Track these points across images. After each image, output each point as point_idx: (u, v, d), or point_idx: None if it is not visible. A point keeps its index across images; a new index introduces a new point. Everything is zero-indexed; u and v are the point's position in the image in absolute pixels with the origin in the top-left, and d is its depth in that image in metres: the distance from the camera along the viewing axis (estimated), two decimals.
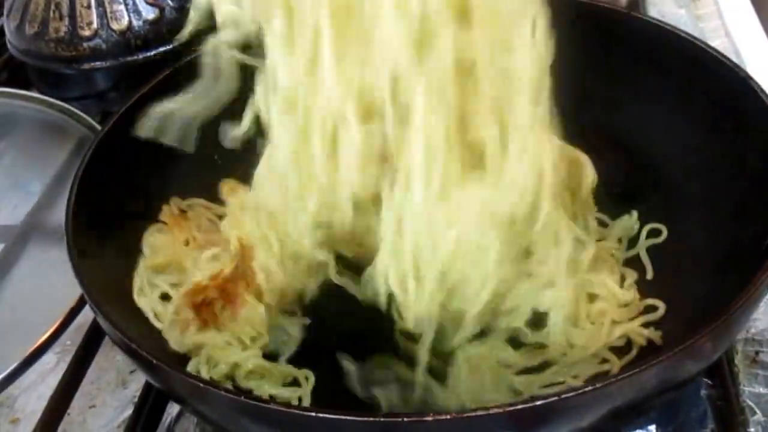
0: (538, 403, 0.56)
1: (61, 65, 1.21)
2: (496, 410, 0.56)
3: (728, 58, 0.87)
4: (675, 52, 0.91)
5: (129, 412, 0.85)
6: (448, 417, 0.57)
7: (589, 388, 0.57)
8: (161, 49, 1.19)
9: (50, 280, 0.93)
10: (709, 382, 0.83)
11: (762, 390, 0.82)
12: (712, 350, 0.66)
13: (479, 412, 0.57)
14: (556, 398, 0.57)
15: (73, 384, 0.83)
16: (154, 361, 0.66)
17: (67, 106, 1.15)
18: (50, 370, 0.91)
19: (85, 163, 0.85)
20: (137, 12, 1.18)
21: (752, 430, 0.78)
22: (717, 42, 1.26)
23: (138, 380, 0.90)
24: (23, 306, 0.93)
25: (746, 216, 0.80)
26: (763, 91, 0.81)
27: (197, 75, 0.99)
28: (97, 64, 1.20)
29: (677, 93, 0.92)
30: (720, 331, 0.64)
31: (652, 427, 0.80)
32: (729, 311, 0.63)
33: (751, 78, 0.83)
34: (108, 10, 1.17)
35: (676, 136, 0.93)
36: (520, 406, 0.56)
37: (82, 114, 1.13)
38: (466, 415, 0.57)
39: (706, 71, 0.88)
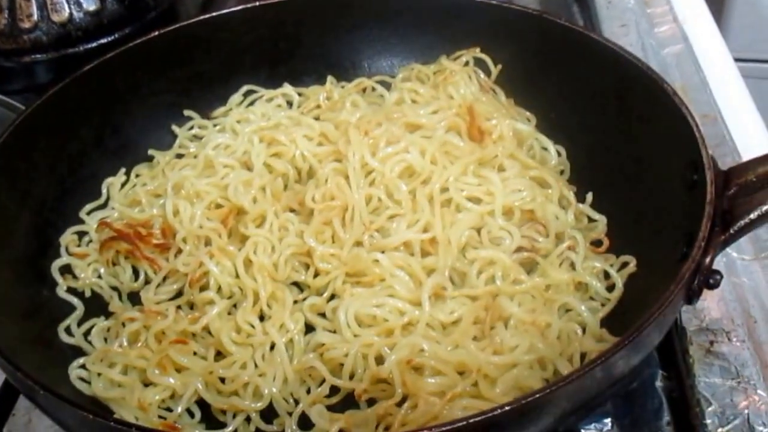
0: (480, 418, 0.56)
1: (1, 58, 1.18)
2: (446, 427, 0.55)
3: (651, 69, 0.88)
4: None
5: None
6: None
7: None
8: (103, 40, 1.17)
9: None
10: (664, 373, 0.83)
11: (717, 380, 0.81)
12: (625, 365, 0.66)
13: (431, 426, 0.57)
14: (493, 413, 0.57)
15: None
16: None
17: (8, 99, 1.13)
18: None
19: None
20: (78, 3, 1.16)
21: (708, 420, 0.78)
22: (665, 27, 1.27)
23: None
24: None
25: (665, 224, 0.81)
26: (682, 102, 0.82)
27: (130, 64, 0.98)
28: (39, 56, 1.18)
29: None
30: (631, 347, 0.64)
31: (608, 420, 0.80)
32: (639, 328, 0.64)
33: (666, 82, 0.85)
34: (48, 1, 1.14)
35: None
36: (464, 422, 0.56)
37: (23, 107, 1.10)
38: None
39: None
